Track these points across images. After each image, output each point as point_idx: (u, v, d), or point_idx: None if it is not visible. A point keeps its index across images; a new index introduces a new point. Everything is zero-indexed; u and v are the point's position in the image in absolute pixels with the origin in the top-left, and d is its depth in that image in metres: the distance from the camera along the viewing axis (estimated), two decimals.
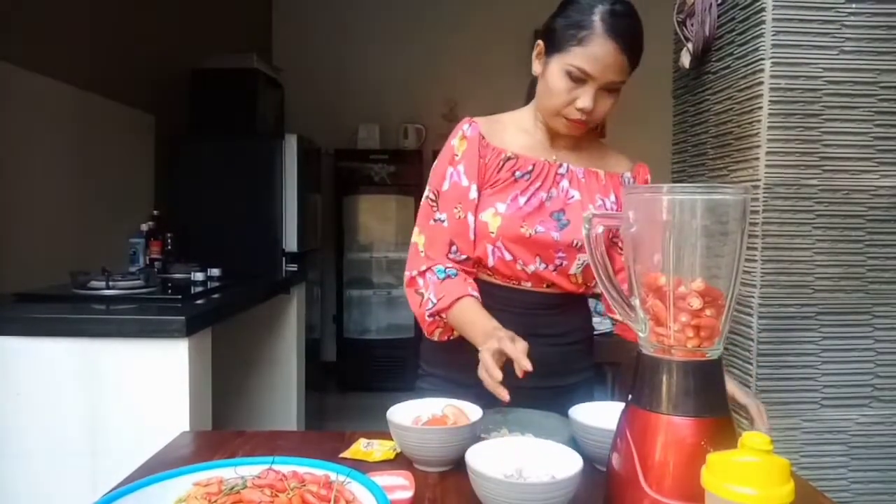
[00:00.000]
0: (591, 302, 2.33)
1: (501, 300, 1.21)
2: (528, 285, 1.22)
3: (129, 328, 1.66)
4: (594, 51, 1.09)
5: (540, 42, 1.19)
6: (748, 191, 0.76)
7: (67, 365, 1.65)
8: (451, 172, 1.21)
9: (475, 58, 4.76)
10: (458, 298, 1.15)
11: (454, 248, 1.20)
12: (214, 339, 1.88)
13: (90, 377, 1.65)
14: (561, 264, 1.21)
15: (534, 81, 1.25)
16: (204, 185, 3.28)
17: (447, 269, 1.19)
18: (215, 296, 2.15)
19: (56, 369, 1.65)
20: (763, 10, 1.34)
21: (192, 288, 2.21)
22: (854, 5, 1.34)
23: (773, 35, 1.33)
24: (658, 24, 1.79)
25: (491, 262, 1.20)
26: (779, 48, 1.34)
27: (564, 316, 1.26)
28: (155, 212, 2.90)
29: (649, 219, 0.76)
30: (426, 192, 1.24)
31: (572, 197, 1.21)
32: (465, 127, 1.22)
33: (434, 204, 1.22)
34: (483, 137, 1.21)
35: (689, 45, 1.56)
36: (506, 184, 1.19)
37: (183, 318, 1.65)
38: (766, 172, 1.35)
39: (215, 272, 2.48)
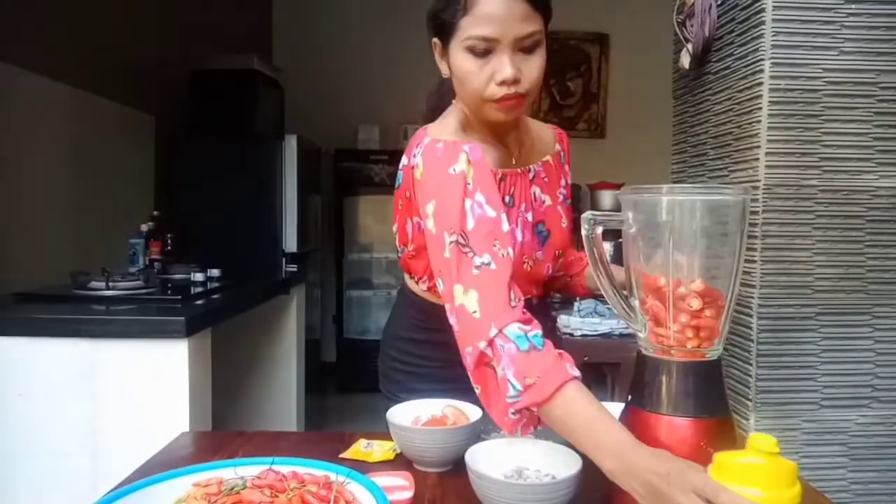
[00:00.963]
0: (591, 302, 2.34)
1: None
2: None
3: (129, 329, 1.66)
4: (483, 10, 0.93)
5: (435, 41, 1.04)
6: (748, 191, 0.76)
7: (67, 365, 1.65)
8: (472, 206, 0.95)
9: None
10: (561, 386, 0.80)
11: (513, 294, 0.90)
12: (214, 340, 1.88)
13: (90, 377, 1.65)
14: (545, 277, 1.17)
15: (435, 92, 1.15)
16: (204, 185, 3.28)
17: (527, 333, 0.85)
18: (215, 296, 2.15)
19: (56, 369, 1.65)
20: (763, 10, 1.34)
21: (192, 288, 2.21)
22: (854, 5, 1.34)
23: (773, 35, 1.33)
24: (658, 25, 1.79)
25: None
26: (779, 48, 1.34)
27: None
28: (155, 212, 2.90)
29: (649, 219, 0.76)
30: (448, 240, 0.94)
31: (543, 202, 1.12)
32: (465, 148, 0.99)
33: (467, 249, 0.92)
34: (487, 162, 1.01)
35: (689, 46, 1.56)
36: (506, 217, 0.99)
37: (183, 318, 1.65)
38: (765, 173, 1.35)
39: (215, 273, 2.48)
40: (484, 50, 0.95)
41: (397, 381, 1.24)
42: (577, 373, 0.82)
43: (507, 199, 1.04)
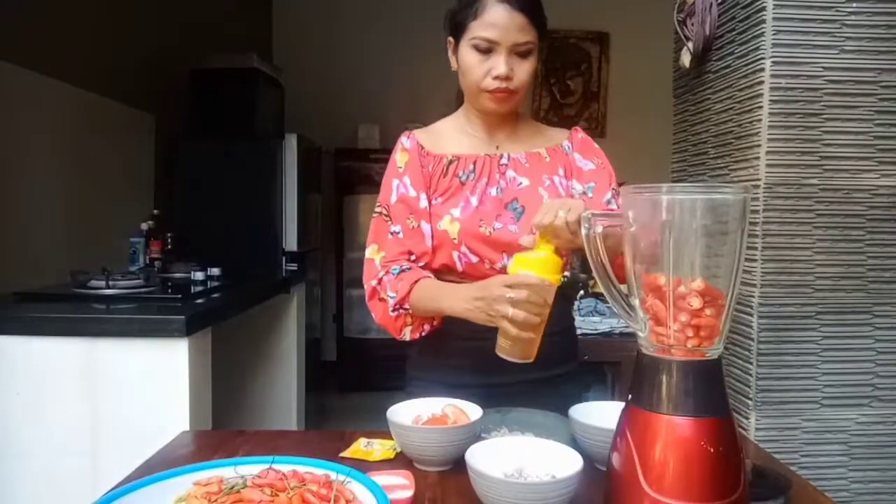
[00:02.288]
0: (592, 301, 2.34)
1: None
2: None
3: (130, 328, 1.66)
4: (490, 17, 1.14)
5: (450, 39, 1.23)
6: (748, 190, 0.76)
7: (67, 365, 1.65)
8: (398, 185, 1.23)
9: None
10: (415, 282, 1.16)
11: (413, 256, 1.21)
12: (214, 339, 1.88)
13: (90, 377, 1.65)
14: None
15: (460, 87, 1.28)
16: (204, 184, 3.28)
17: (402, 266, 1.20)
18: (215, 295, 2.15)
19: (56, 369, 1.65)
20: (763, 9, 1.34)
21: (192, 287, 2.21)
22: (854, 4, 1.34)
23: (774, 34, 1.33)
24: (658, 23, 1.79)
25: (459, 267, 1.20)
26: (779, 47, 1.33)
27: None
28: (155, 211, 2.90)
29: (649, 218, 0.76)
30: (376, 209, 1.25)
31: (521, 184, 1.23)
32: (403, 140, 1.26)
33: (387, 218, 1.23)
34: (422, 147, 1.25)
35: (690, 45, 1.56)
36: (454, 188, 1.21)
37: (183, 317, 1.65)
38: (766, 172, 1.35)
39: (215, 272, 2.48)
40: (486, 49, 1.15)
41: (422, 364, 1.29)
42: (430, 275, 1.18)
43: (461, 174, 1.23)
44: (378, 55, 4.87)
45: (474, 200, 1.21)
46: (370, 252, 1.24)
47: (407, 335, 1.20)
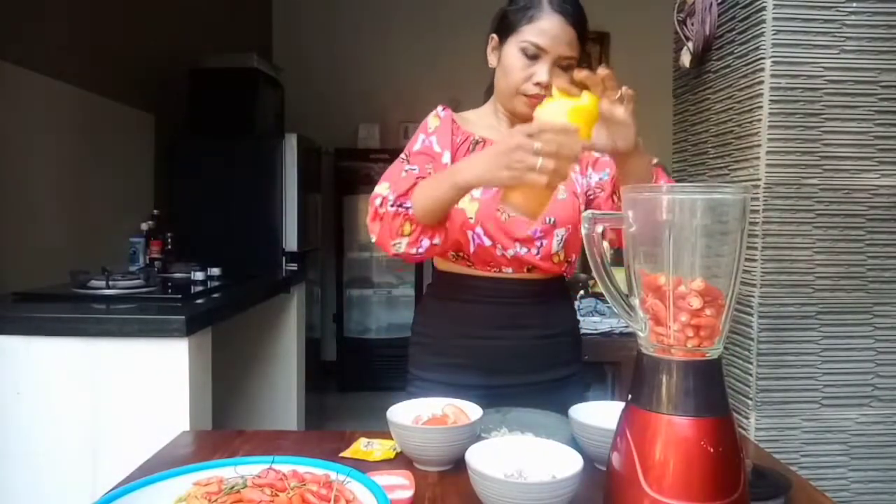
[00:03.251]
0: (591, 301, 2.34)
1: (483, 291, 1.22)
2: (509, 271, 1.22)
3: (130, 328, 1.66)
4: (544, 25, 1.15)
5: (494, 35, 1.25)
6: (748, 190, 0.76)
7: (67, 365, 1.65)
8: (424, 139, 1.22)
9: (476, 57, 4.74)
10: (418, 178, 1.11)
11: None
12: (214, 338, 1.88)
13: (90, 377, 1.65)
14: (541, 245, 1.21)
15: (492, 82, 1.30)
16: (204, 184, 3.28)
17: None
18: (215, 295, 2.15)
19: (56, 369, 1.65)
20: (763, 9, 1.34)
21: (192, 287, 2.20)
22: (854, 4, 1.34)
23: (774, 34, 1.33)
24: (658, 23, 1.79)
25: (471, 248, 1.20)
26: (779, 47, 1.33)
27: (547, 306, 1.26)
28: (155, 211, 2.90)
29: (649, 218, 0.76)
30: (400, 157, 1.22)
31: None
32: (438, 109, 1.27)
33: (405, 161, 1.20)
34: (454, 121, 1.26)
35: (690, 45, 1.56)
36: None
37: (183, 317, 1.65)
38: (766, 172, 1.35)
39: (215, 272, 2.48)
40: (533, 54, 1.17)
41: (425, 363, 1.28)
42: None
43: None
44: (378, 55, 4.87)
45: None
46: (379, 188, 1.13)
47: (402, 246, 1.08)
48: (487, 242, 1.19)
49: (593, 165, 1.28)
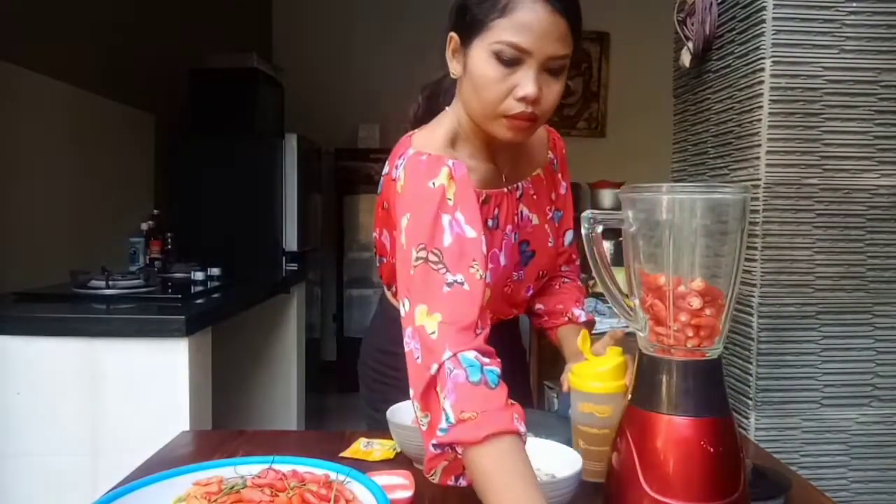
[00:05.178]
0: (591, 301, 2.34)
1: None
2: None
3: (130, 328, 1.66)
4: (522, 17, 0.85)
5: (452, 35, 0.93)
6: (748, 190, 0.76)
7: (67, 365, 1.65)
8: (450, 222, 0.84)
9: None
10: (500, 433, 0.69)
11: (480, 322, 0.79)
12: (214, 338, 1.88)
13: (90, 377, 1.65)
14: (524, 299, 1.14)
15: (434, 92, 1.06)
16: (204, 184, 3.28)
17: (484, 365, 0.74)
18: (215, 295, 2.15)
19: (56, 369, 1.65)
20: (763, 9, 1.34)
21: (192, 287, 2.21)
22: (854, 4, 1.34)
23: (774, 34, 1.33)
24: (658, 23, 1.79)
25: None
26: (779, 47, 1.33)
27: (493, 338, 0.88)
28: (155, 211, 2.90)
29: (649, 218, 0.76)
30: (415, 255, 0.83)
31: (530, 221, 1.07)
32: (449, 163, 0.89)
33: (440, 265, 0.81)
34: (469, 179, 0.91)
35: (690, 44, 1.55)
36: (487, 239, 0.90)
37: (183, 317, 1.65)
38: (766, 171, 1.35)
39: (215, 272, 2.48)
40: (511, 59, 0.86)
41: (378, 392, 1.20)
42: (523, 429, 0.71)
43: (490, 221, 0.98)
44: (378, 55, 4.87)
45: (503, 258, 1.01)
46: (419, 316, 0.79)
47: (437, 476, 0.77)
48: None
49: (556, 199, 1.15)
